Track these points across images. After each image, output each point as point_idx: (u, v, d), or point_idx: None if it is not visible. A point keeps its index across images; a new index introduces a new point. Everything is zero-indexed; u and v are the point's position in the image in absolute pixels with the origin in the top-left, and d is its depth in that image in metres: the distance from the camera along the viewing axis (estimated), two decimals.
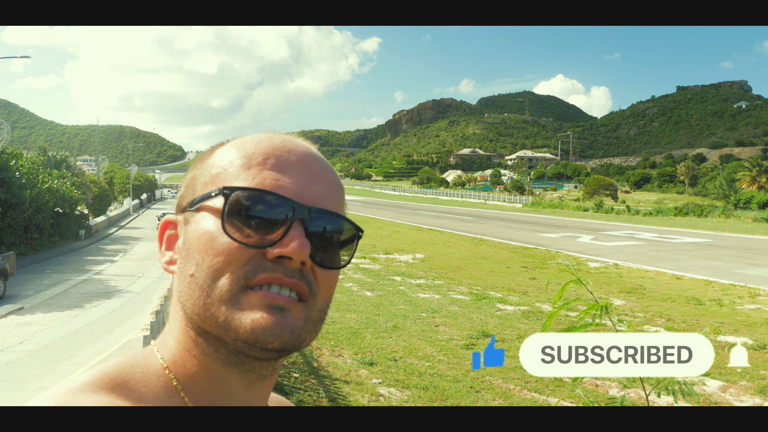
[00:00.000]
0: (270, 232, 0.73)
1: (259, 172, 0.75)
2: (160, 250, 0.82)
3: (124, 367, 0.75)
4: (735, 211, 43.09)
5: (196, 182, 0.79)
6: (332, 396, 7.04)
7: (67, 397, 0.68)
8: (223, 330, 0.72)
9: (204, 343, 0.75)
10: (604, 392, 7.46)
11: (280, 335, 0.71)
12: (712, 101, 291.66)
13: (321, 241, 0.76)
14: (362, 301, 13.08)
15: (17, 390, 8.93)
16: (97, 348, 11.30)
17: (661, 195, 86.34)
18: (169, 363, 0.77)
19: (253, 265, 0.72)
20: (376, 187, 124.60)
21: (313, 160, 0.79)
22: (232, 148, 0.80)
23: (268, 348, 0.71)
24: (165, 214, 23.78)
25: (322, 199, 0.77)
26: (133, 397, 0.72)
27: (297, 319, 0.73)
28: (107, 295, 17.46)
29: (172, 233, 0.81)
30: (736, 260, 19.81)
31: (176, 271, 0.77)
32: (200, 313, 0.73)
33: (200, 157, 0.83)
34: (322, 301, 0.77)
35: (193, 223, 0.76)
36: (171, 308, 0.80)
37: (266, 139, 0.79)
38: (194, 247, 0.74)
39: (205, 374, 0.76)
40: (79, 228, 34.93)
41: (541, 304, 12.99)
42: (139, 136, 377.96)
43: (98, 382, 0.72)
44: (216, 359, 0.75)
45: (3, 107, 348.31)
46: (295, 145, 0.79)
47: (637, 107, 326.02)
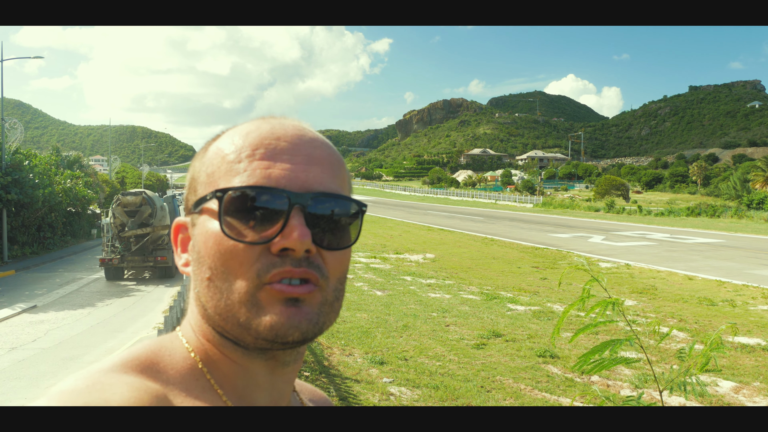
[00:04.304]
0: (271, 225, 0.73)
1: (249, 165, 0.75)
2: (176, 253, 0.82)
3: (152, 350, 0.77)
4: (748, 211, 42.70)
5: (196, 183, 0.80)
6: (343, 395, 7.05)
7: (99, 377, 0.70)
8: (244, 330, 0.73)
9: (223, 338, 0.77)
10: (616, 392, 7.42)
11: (299, 326, 0.72)
12: (724, 101, 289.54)
13: (324, 223, 0.75)
14: (373, 301, 13.08)
15: (30, 387, 9.00)
16: (110, 346, 11.37)
17: (673, 195, 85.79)
18: (193, 348, 0.79)
19: (263, 263, 0.72)
20: (387, 187, 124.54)
21: (305, 142, 0.78)
22: (224, 142, 0.79)
23: (289, 341, 0.72)
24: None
25: (320, 180, 0.76)
26: (162, 378, 0.74)
27: (313, 305, 0.74)
28: (119, 293, 17.57)
29: (184, 236, 0.82)
30: (749, 261, 19.64)
31: (191, 273, 0.78)
32: (222, 314, 0.74)
33: (197, 155, 0.83)
34: (335, 281, 0.77)
35: (199, 225, 0.77)
36: (189, 301, 0.81)
37: (255, 129, 0.78)
38: (204, 251, 0.75)
39: (227, 362, 0.78)
40: (91, 227, 35.14)
41: (552, 304, 12.94)
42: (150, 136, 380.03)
43: (129, 363, 0.74)
44: (236, 350, 0.77)
45: (16, 108, 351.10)
46: (285, 131, 0.78)
47: (649, 107, 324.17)
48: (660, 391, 1.82)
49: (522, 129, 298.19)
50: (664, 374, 1.91)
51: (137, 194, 20.00)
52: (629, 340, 1.85)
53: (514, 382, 7.79)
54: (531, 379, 7.87)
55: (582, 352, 9.26)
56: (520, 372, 8.17)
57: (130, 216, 19.66)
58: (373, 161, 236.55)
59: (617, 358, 1.82)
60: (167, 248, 20.75)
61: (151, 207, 19.94)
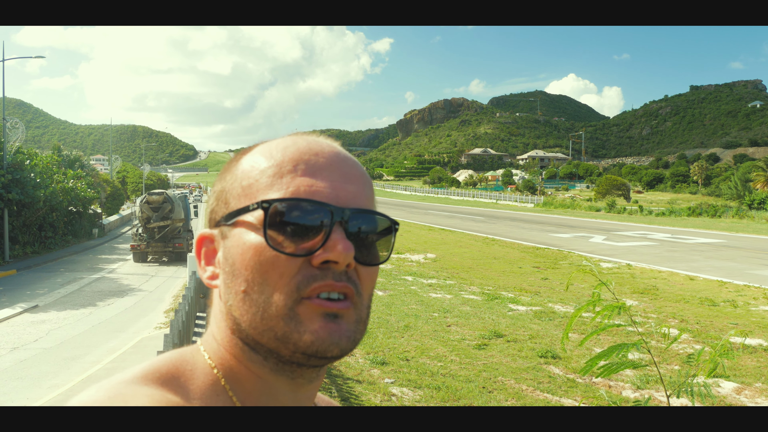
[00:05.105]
0: (312, 238, 0.73)
1: (292, 180, 0.75)
2: (200, 266, 0.82)
3: (174, 363, 0.77)
4: (749, 211, 42.68)
5: (228, 195, 0.79)
6: (344, 395, 7.05)
7: (120, 388, 0.70)
8: (281, 343, 0.72)
9: (251, 351, 0.76)
10: (618, 393, 7.42)
11: (338, 343, 0.72)
12: (726, 101, 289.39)
13: (361, 239, 0.76)
14: (374, 301, 13.06)
15: (32, 387, 9.01)
16: (111, 346, 11.38)
17: (674, 195, 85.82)
18: (216, 363, 0.78)
19: (303, 275, 0.72)
20: (387, 187, 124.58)
21: (342, 160, 0.79)
22: (259, 156, 0.79)
23: (328, 356, 0.72)
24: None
25: (356, 197, 0.77)
26: (182, 392, 0.74)
27: (350, 323, 0.74)
28: (120, 293, 17.58)
29: (209, 248, 0.81)
30: (750, 261, 19.63)
31: (221, 286, 0.78)
32: (258, 327, 0.73)
33: (226, 167, 0.83)
34: (367, 298, 0.78)
35: (233, 237, 0.76)
36: (214, 313, 0.81)
37: (292, 144, 0.79)
38: (239, 263, 0.74)
39: (251, 378, 0.77)
40: (92, 227, 35.20)
41: (554, 305, 12.94)
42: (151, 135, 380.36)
43: (149, 375, 0.73)
44: (263, 366, 0.76)
45: (17, 107, 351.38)
46: (321, 147, 0.79)
47: (650, 107, 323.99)
48: (667, 395, 1.82)
49: (523, 129, 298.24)
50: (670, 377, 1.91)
51: (160, 194, 25.34)
52: (638, 344, 1.85)
53: (516, 382, 7.78)
54: (533, 380, 7.87)
55: (584, 353, 9.25)
56: (522, 372, 8.17)
57: (154, 211, 24.98)
58: (374, 161, 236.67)
59: (625, 362, 1.82)
60: (182, 237, 25.70)
61: (171, 204, 25.10)
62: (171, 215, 25.00)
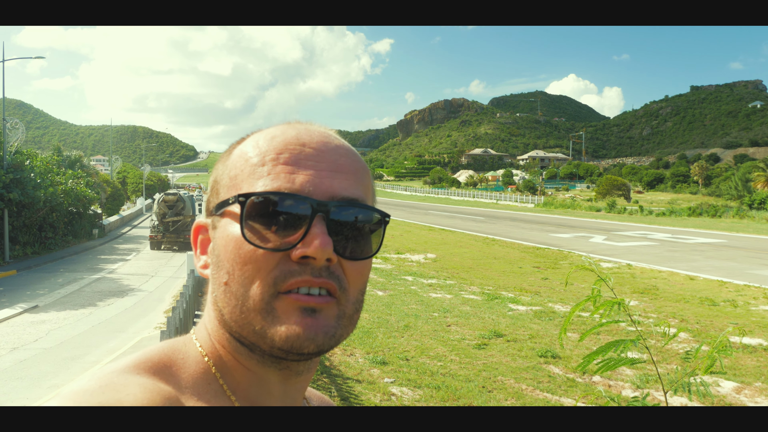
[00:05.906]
0: (292, 232, 0.72)
1: (273, 169, 0.74)
2: (195, 254, 0.82)
3: (165, 352, 0.77)
4: (749, 211, 42.67)
5: (219, 185, 0.79)
6: (344, 395, 7.05)
7: (112, 377, 0.70)
8: (259, 338, 0.72)
9: (237, 343, 0.76)
10: (617, 392, 7.41)
11: (314, 338, 0.71)
12: (726, 101, 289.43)
13: (346, 232, 0.74)
14: (374, 301, 13.08)
15: (32, 387, 9.01)
16: (111, 346, 11.38)
17: (674, 195, 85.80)
18: (207, 352, 0.78)
19: (281, 270, 0.71)
20: (388, 187, 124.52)
21: (330, 149, 0.77)
22: (248, 145, 0.78)
23: (305, 353, 0.71)
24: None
25: (344, 188, 0.75)
26: (174, 381, 0.74)
27: (329, 318, 0.72)
28: (120, 293, 17.58)
29: (204, 237, 0.81)
30: (750, 261, 19.62)
31: (210, 276, 0.78)
32: (238, 321, 0.73)
33: (221, 157, 0.83)
34: (355, 293, 0.76)
35: (220, 228, 0.76)
36: (207, 304, 0.81)
37: (280, 133, 0.78)
38: (223, 254, 0.74)
39: (240, 368, 0.77)
40: (92, 227, 35.17)
41: (554, 305, 12.93)
42: (151, 136, 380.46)
43: (142, 364, 0.73)
44: (251, 358, 0.76)
45: (18, 108, 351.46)
46: (311, 137, 0.77)
47: (651, 107, 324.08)
48: (665, 392, 1.82)
49: (523, 129, 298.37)
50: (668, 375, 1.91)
51: (174, 194, 30.91)
52: (635, 341, 1.85)
53: (516, 382, 7.78)
54: (532, 380, 7.87)
55: (584, 353, 9.25)
56: (522, 372, 8.17)
57: (169, 208, 30.09)
58: (375, 161, 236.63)
59: (623, 359, 1.82)
60: (190, 230, 27.20)
61: (183, 203, 30.34)
62: (183, 212, 29.91)
